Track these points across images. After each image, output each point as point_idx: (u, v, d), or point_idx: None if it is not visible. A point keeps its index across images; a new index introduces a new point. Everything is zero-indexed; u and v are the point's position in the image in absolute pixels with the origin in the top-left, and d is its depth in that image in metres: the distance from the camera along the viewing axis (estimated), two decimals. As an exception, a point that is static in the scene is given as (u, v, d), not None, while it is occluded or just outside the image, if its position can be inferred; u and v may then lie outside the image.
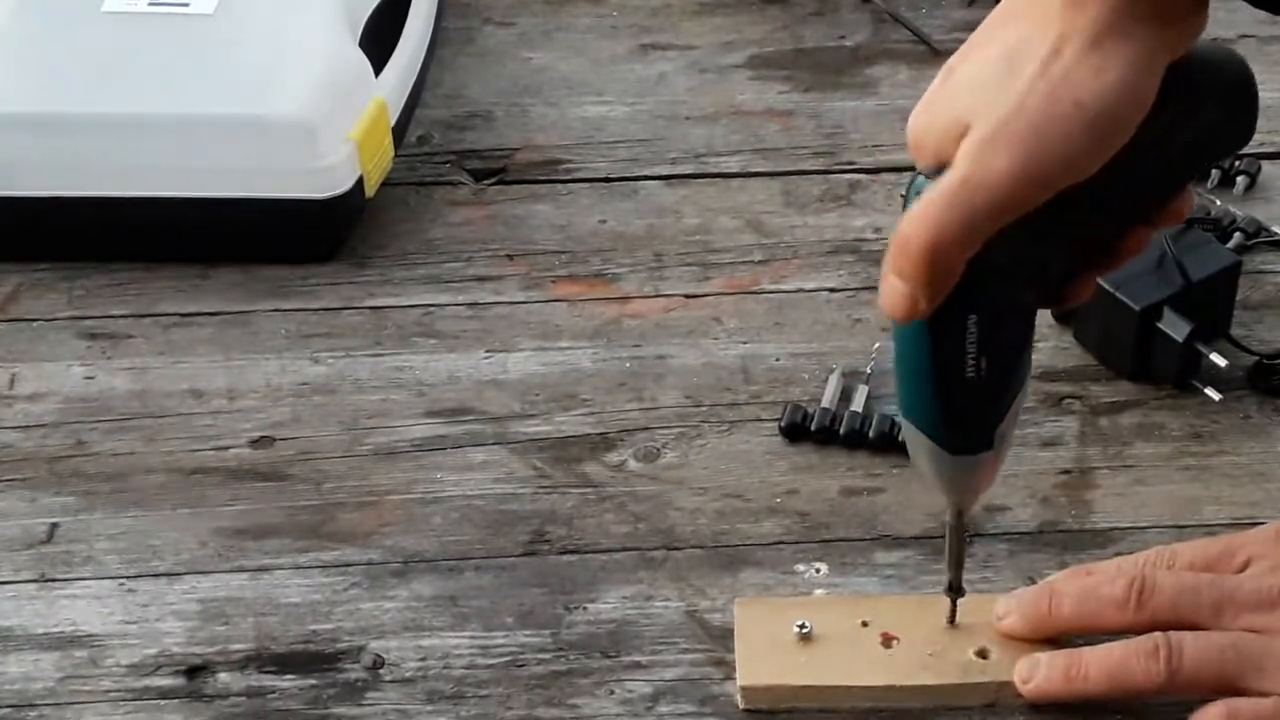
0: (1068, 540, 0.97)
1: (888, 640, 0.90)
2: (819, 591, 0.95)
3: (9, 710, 0.90)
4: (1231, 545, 0.91)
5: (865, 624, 0.91)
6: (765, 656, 0.90)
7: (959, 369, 0.80)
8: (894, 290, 0.77)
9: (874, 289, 1.11)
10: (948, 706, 0.89)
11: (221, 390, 1.07)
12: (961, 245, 0.75)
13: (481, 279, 1.14)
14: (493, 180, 1.22)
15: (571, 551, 0.97)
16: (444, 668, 0.92)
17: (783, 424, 1.03)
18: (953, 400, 0.81)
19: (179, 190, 1.13)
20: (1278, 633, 0.86)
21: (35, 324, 1.11)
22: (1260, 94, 0.79)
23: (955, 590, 0.90)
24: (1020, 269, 0.78)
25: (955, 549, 0.90)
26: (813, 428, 1.03)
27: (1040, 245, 0.78)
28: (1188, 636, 0.86)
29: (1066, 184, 0.74)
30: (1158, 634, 0.86)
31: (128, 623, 0.94)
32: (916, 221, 0.75)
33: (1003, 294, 0.79)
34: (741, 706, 0.89)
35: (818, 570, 0.96)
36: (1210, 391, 1.04)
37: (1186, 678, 0.86)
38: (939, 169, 0.76)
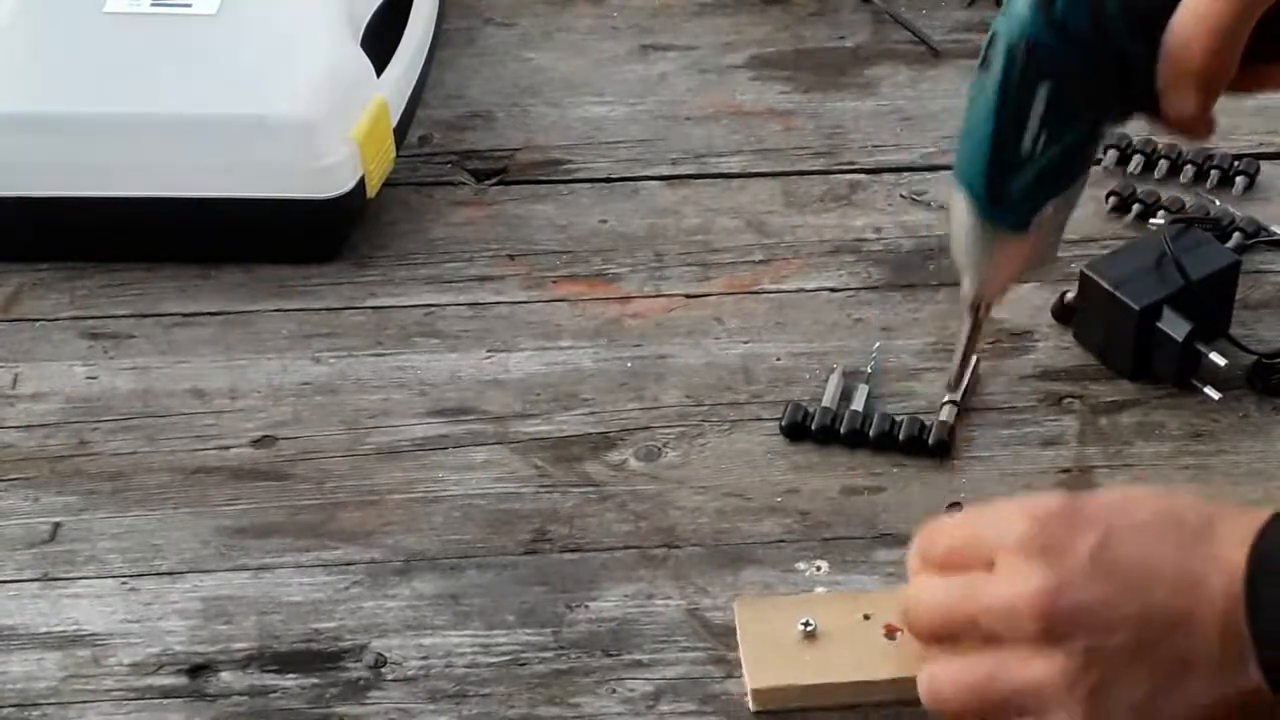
0: (1068, 539, 0.97)
1: (891, 632, 0.91)
2: (819, 590, 0.95)
3: (12, 709, 0.90)
4: (981, 538, 0.83)
5: (867, 617, 0.91)
6: (773, 657, 0.90)
7: (1017, 136, 0.81)
8: (1184, 102, 0.79)
9: (874, 288, 1.12)
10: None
11: (223, 390, 1.07)
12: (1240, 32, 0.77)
13: (483, 279, 1.14)
14: (494, 180, 1.22)
15: (573, 550, 0.97)
16: (446, 666, 0.92)
17: (783, 423, 1.03)
18: (1003, 165, 0.82)
19: (181, 190, 1.13)
20: (1025, 652, 0.79)
21: (37, 324, 1.12)
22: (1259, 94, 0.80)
23: (954, 387, 0.89)
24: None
25: (966, 344, 0.90)
26: (813, 427, 1.03)
27: None
28: (942, 671, 0.82)
29: None
30: (923, 667, 0.83)
31: (130, 622, 0.94)
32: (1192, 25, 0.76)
33: (1079, 65, 0.79)
34: (753, 709, 0.89)
35: (818, 569, 0.96)
36: (1210, 391, 1.04)
37: (954, 710, 0.82)
38: None
